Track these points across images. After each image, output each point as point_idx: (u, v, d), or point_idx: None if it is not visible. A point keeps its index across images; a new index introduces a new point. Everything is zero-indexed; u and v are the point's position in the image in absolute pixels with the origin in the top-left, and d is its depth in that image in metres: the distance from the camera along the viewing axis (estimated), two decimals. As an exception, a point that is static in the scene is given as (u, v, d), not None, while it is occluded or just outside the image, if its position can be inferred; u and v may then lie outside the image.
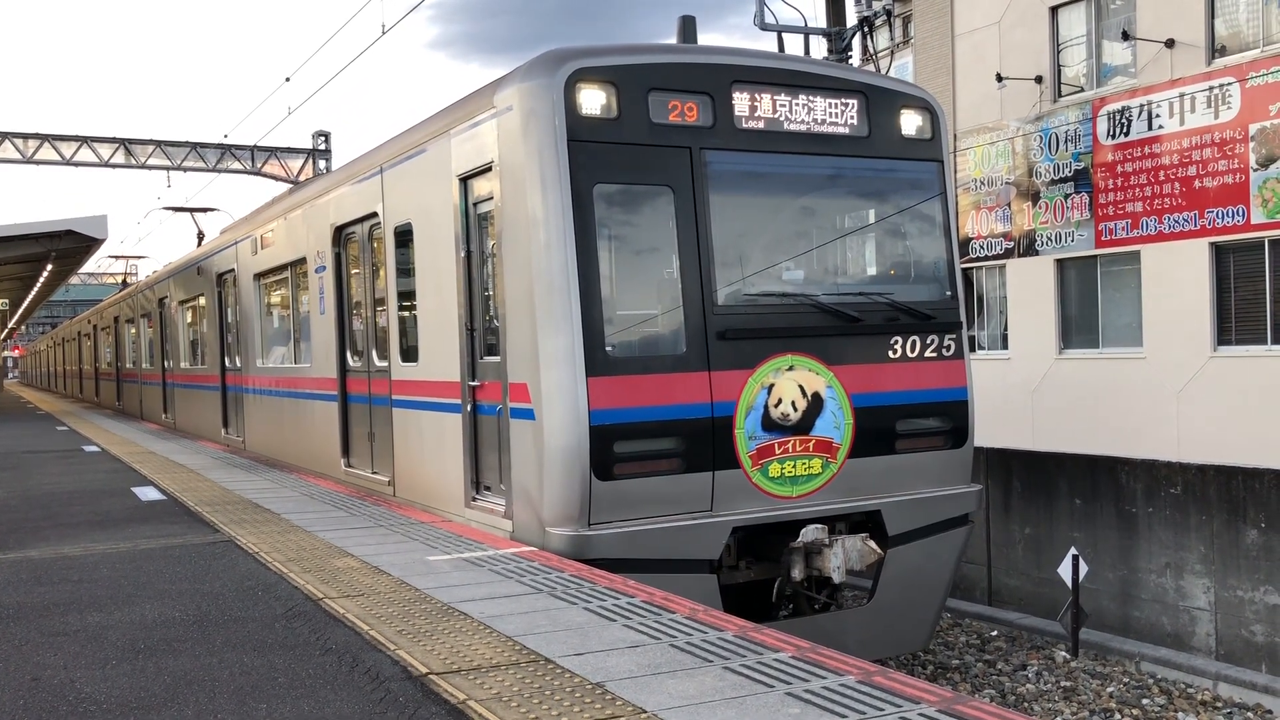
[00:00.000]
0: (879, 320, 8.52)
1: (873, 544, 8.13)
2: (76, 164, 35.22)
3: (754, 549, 8.27)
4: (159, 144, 35.98)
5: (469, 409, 8.66)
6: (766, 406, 7.98)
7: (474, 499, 8.66)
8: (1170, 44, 16.87)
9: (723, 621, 5.35)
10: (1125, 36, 17.62)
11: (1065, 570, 11.79)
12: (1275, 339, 15.77)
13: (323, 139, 37.98)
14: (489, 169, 8.15)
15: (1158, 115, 17.08)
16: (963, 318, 9.00)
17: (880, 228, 8.99)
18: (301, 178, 35.97)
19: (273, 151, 37.60)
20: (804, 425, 8.13)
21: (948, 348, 8.81)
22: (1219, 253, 16.43)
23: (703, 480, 7.77)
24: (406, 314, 10.05)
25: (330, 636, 5.33)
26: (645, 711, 4.08)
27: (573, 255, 7.44)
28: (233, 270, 16.51)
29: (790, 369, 8.09)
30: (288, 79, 27.43)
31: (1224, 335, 16.45)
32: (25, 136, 34.68)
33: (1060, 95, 18.96)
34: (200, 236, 27.81)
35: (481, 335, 8.57)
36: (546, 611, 5.64)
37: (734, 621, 5.36)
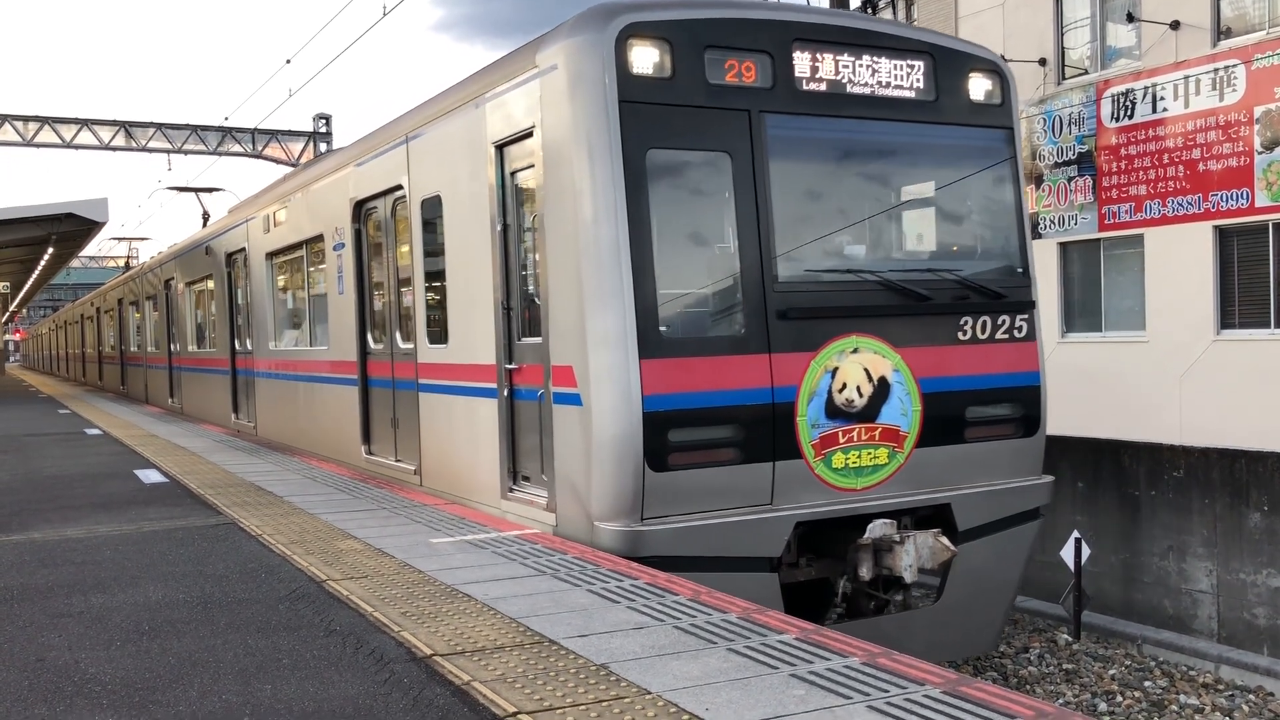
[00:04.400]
0: (948, 299, 7.94)
1: (945, 540, 7.58)
2: (77, 147, 35.22)
3: (815, 545, 7.73)
4: (159, 127, 35.97)
5: (505, 394, 8.12)
6: (830, 392, 7.44)
7: (511, 490, 8.14)
8: (1175, 26, 16.78)
9: (726, 604, 5.35)
10: (1130, 18, 17.53)
11: (1067, 553, 11.79)
12: (1279, 323, 15.74)
13: (324, 122, 37.93)
14: (529, 134, 7.60)
15: (1162, 98, 17.01)
16: (1035, 297, 8.48)
17: (948, 199, 8.36)
18: (302, 160, 35.89)
19: (274, 134, 37.56)
20: (869, 412, 7.59)
21: (1019, 329, 8.25)
22: (1223, 236, 16.39)
23: (762, 471, 7.23)
24: (435, 293, 9.51)
25: (334, 618, 5.33)
26: (650, 693, 4.08)
27: (624, 227, 6.89)
28: (243, 250, 15.93)
29: (855, 351, 7.53)
30: (288, 61, 27.38)
31: (1227, 319, 16.42)
32: (25, 119, 34.64)
33: (1064, 78, 18.88)
34: (205, 217, 27.44)
35: (520, 315, 8.03)
36: (550, 593, 5.64)
37: (737, 603, 5.36)
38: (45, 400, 28.09)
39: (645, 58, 7.06)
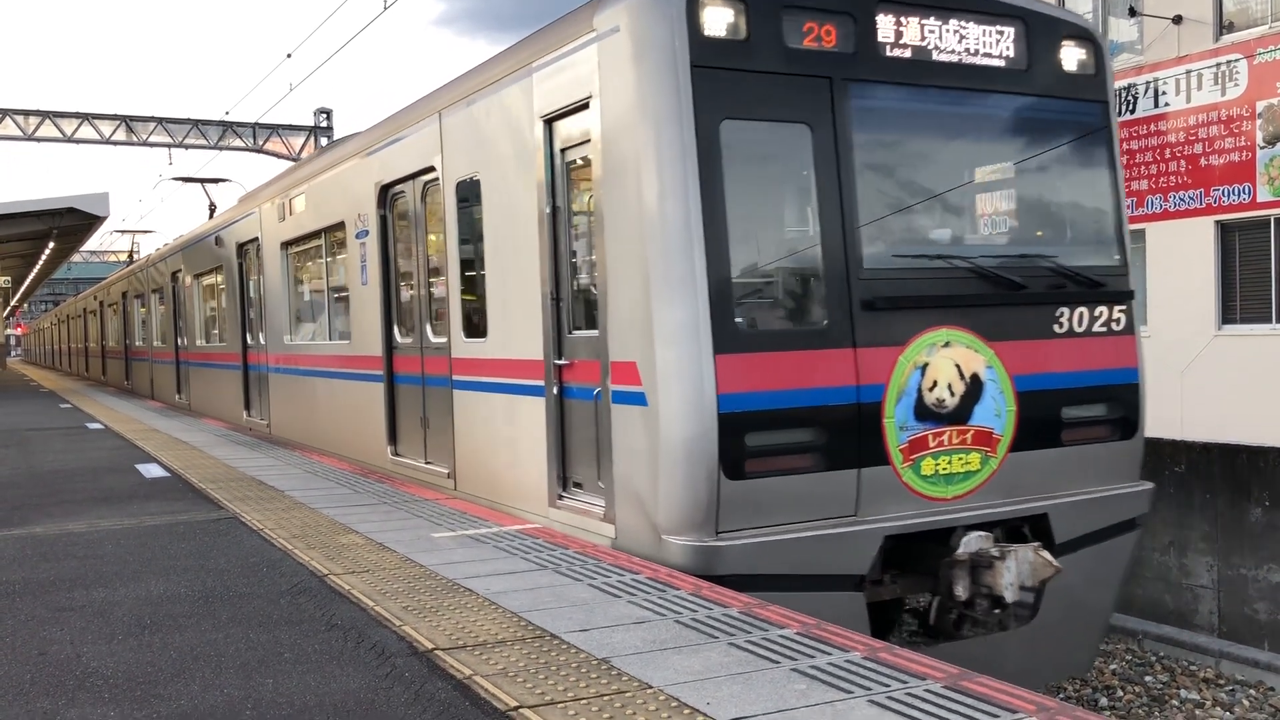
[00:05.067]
0: (1043, 288, 7.29)
1: (1047, 555, 6.78)
2: (78, 141, 35.25)
3: (899, 560, 6.97)
4: (160, 121, 36.00)
5: (554, 392, 7.44)
6: (920, 390, 6.77)
7: (561, 498, 7.45)
8: (1177, 20, 16.77)
9: (727, 598, 5.35)
10: (1132, 13, 17.51)
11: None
12: (1280, 318, 15.74)
13: (324, 116, 37.95)
14: (585, 106, 6.95)
15: (1164, 92, 17.00)
16: (1132, 286, 7.85)
17: (1041, 178, 7.73)
18: (303, 155, 35.88)
19: (274, 129, 37.58)
20: (961, 413, 6.91)
21: (1117, 321, 7.58)
22: (1224, 231, 16.38)
23: (847, 479, 6.56)
24: (471, 283, 8.82)
25: (335, 612, 5.33)
26: (651, 687, 4.08)
27: (696, 206, 6.23)
28: (256, 240, 15.16)
29: (946, 345, 6.87)
30: (289, 55, 27.42)
31: (1229, 314, 16.43)
32: (26, 113, 34.66)
33: (1066, 72, 18.86)
34: (212, 208, 26.94)
35: (570, 306, 7.37)
36: (551, 588, 5.64)
37: (739, 598, 5.36)
38: (47, 395, 28.10)
39: (718, 18, 6.41)
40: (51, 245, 31.94)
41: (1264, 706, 9.91)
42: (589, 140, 6.95)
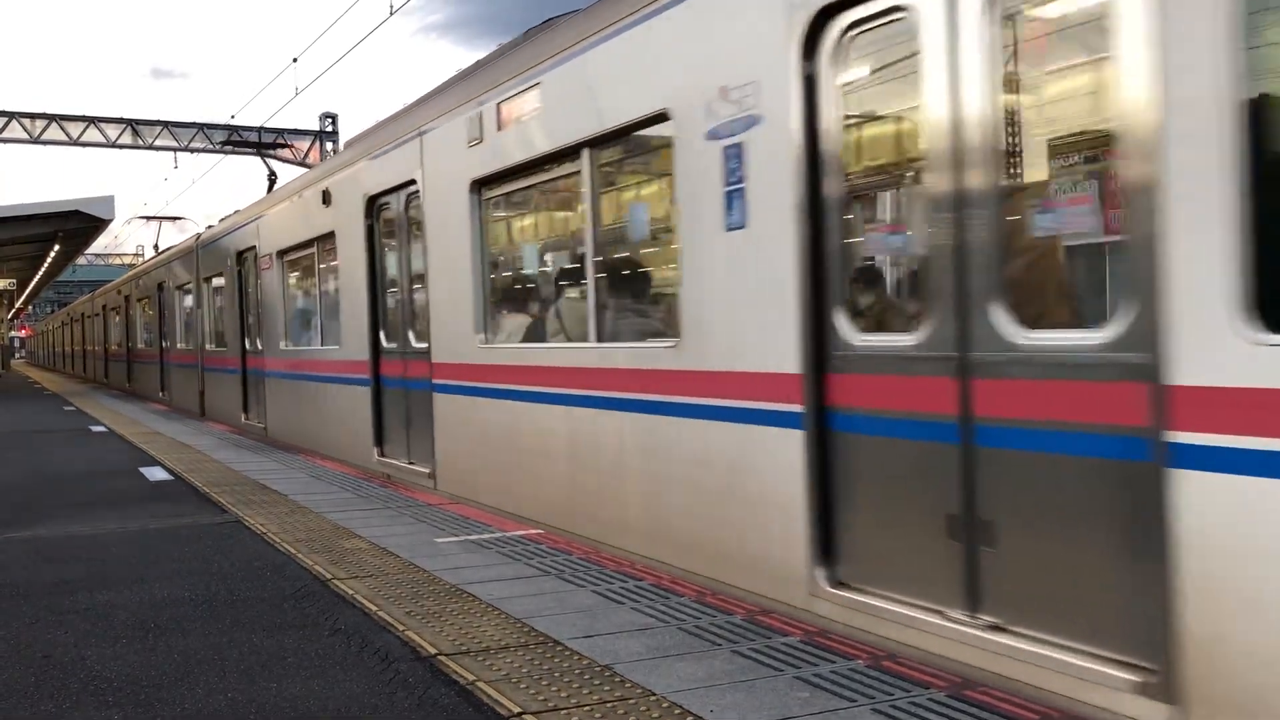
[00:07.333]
0: None
1: None
2: (83, 144, 35.39)
3: None
4: (166, 125, 36.17)
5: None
6: None
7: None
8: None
9: (731, 605, 5.35)
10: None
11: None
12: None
13: (329, 121, 38.07)
14: None
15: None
16: None
17: None
18: (309, 160, 35.93)
19: (280, 133, 37.63)
20: None
21: None
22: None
23: None
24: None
25: (339, 617, 5.34)
26: (654, 694, 4.09)
27: None
28: (409, 185, 9.94)
29: None
30: (295, 60, 27.43)
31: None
32: (32, 116, 34.82)
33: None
34: (272, 178, 22.95)
35: None
36: (554, 594, 5.64)
37: (742, 605, 5.36)
38: (50, 397, 28.16)
39: None
40: (56, 248, 32.00)
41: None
42: None
